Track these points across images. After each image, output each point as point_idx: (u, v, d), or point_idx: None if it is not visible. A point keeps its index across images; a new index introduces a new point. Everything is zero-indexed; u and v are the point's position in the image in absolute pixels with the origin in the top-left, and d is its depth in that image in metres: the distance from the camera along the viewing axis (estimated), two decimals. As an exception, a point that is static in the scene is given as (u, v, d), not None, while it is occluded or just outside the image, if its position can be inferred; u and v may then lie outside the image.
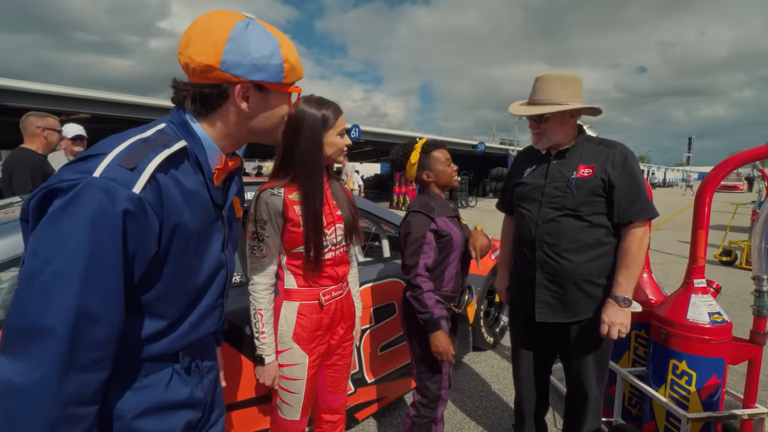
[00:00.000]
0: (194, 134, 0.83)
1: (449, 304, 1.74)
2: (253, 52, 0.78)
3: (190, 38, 0.78)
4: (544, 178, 1.73)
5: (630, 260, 1.61)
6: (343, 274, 1.54)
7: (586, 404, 1.78)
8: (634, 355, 2.26)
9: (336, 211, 1.49)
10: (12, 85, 9.17)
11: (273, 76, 0.82)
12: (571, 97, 1.63)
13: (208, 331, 0.93)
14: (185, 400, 0.87)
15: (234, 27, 0.77)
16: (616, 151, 1.64)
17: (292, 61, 0.84)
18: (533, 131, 1.72)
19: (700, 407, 1.82)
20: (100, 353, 0.68)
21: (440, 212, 1.69)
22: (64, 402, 0.64)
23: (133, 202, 0.68)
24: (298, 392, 1.47)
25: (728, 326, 1.84)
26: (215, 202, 0.88)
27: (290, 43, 0.85)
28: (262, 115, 0.87)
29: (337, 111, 1.42)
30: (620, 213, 1.61)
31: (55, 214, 0.65)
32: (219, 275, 0.92)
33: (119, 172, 0.67)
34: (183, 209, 0.77)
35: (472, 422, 2.49)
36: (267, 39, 0.81)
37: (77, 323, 0.64)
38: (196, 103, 0.82)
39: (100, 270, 0.66)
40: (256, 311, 1.40)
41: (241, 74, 0.79)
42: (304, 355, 1.45)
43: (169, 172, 0.75)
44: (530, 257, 1.75)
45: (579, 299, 1.68)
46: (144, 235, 0.71)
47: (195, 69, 0.78)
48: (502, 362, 3.24)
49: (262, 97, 0.84)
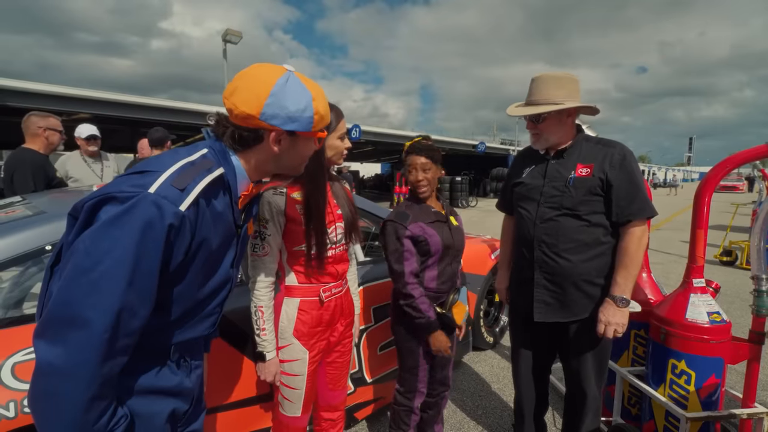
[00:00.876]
0: (231, 163, 0.94)
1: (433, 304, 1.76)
2: (289, 107, 0.91)
3: (236, 88, 0.90)
4: (542, 177, 1.73)
5: (628, 260, 1.61)
6: (342, 271, 1.57)
7: (585, 403, 1.78)
8: (634, 354, 2.26)
9: (336, 210, 1.51)
10: (13, 85, 9.20)
11: (304, 126, 0.95)
12: (567, 97, 1.63)
13: (201, 333, 1.00)
14: (174, 388, 0.95)
15: (276, 83, 0.89)
16: (614, 151, 1.64)
17: (321, 113, 0.97)
18: (531, 132, 1.72)
19: (699, 407, 1.82)
20: (132, 340, 0.78)
21: (416, 218, 1.73)
22: (101, 382, 0.74)
23: (178, 218, 0.78)
24: (298, 388, 1.49)
25: (727, 326, 1.84)
26: (236, 223, 0.99)
27: (323, 95, 0.98)
28: (290, 156, 1.00)
29: (338, 115, 1.45)
30: (618, 212, 1.61)
31: (110, 220, 0.73)
32: (224, 288, 1.02)
33: (171, 191, 0.78)
34: (210, 228, 0.88)
35: (471, 422, 2.49)
36: (303, 93, 0.93)
37: (119, 317, 0.73)
38: (234, 140, 0.94)
39: (143, 273, 0.75)
40: (256, 308, 1.41)
41: (278, 124, 0.91)
42: (305, 350, 1.47)
43: (207, 194, 0.86)
44: (529, 257, 1.76)
45: (577, 299, 1.69)
46: (180, 246, 0.81)
47: (237, 115, 0.90)
48: (501, 362, 3.24)
49: (292, 141, 0.97)
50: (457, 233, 1.81)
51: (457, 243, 1.80)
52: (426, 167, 1.72)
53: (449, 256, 1.78)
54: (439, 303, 1.76)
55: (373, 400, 2.29)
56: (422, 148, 1.72)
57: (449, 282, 1.79)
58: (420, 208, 1.76)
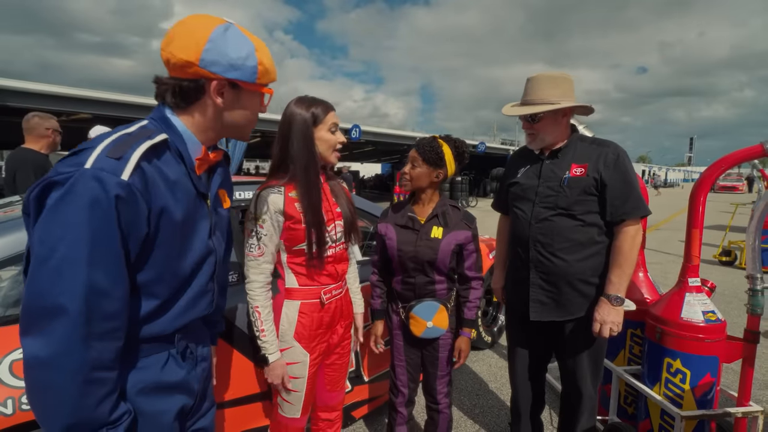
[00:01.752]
0: (174, 127, 0.90)
1: (397, 303, 1.77)
2: (230, 53, 0.87)
3: (173, 36, 0.86)
4: (537, 177, 1.74)
5: (623, 259, 1.61)
6: (342, 271, 1.56)
7: (581, 402, 1.79)
8: (630, 353, 2.27)
9: (335, 208, 1.51)
10: (13, 85, 9.22)
11: (247, 76, 0.90)
12: (563, 96, 1.64)
13: (201, 313, 0.99)
14: (179, 382, 0.94)
15: (215, 29, 0.86)
16: (608, 150, 1.64)
17: (266, 64, 0.93)
18: (527, 131, 1.73)
19: (694, 405, 1.83)
20: (115, 323, 0.77)
21: (390, 218, 1.77)
22: (90, 366, 0.73)
23: (123, 188, 0.75)
24: (299, 390, 1.48)
25: (722, 325, 1.85)
26: (199, 190, 0.94)
27: (266, 48, 0.93)
28: (235, 111, 0.95)
29: (326, 108, 1.42)
30: (613, 211, 1.62)
31: (55, 205, 0.72)
32: (208, 260, 0.99)
33: (108, 162, 0.75)
34: (167, 196, 0.84)
35: (468, 420, 2.50)
36: (244, 42, 0.89)
37: (89, 298, 0.72)
38: (176, 96, 0.89)
39: (103, 250, 0.74)
40: (253, 309, 1.39)
41: (218, 71, 0.87)
42: (305, 353, 1.46)
43: (152, 161, 0.82)
44: (524, 257, 1.76)
45: (573, 298, 1.69)
46: (135, 218, 0.78)
47: (175, 64, 0.86)
48: (500, 361, 3.25)
49: (235, 94, 0.92)
50: (425, 245, 1.65)
51: (420, 254, 1.64)
52: (415, 162, 1.66)
53: (411, 267, 1.68)
54: (402, 307, 1.75)
55: (370, 399, 2.29)
56: (420, 143, 1.67)
57: (412, 292, 1.71)
58: (401, 210, 1.76)
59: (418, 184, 1.68)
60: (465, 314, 1.76)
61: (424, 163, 1.65)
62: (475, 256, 1.74)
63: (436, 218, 1.69)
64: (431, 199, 1.73)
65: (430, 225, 1.69)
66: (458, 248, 1.69)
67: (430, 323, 1.69)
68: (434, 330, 1.70)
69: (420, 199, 1.73)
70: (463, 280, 1.76)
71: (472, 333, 1.78)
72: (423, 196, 1.72)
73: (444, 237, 1.66)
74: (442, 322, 1.70)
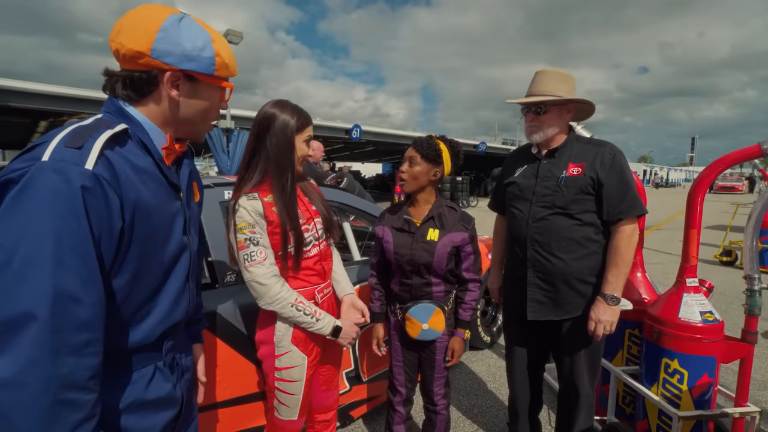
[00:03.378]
0: (132, 118, 0.84)
1: (395, 304, 1.78)
2: (184, 43, 0.81)
3: (122, 26, 0.80)
4: (534, 177, 1.74)
5: (619, 258, 1.62)
6: (329, 269, 1.57)
7: (578, 401, 1.79)
8: (628, 353, 2.27)
9: (311, 207, 1.52)
10: (14, 85, 9.25)
11: (204, 68, 0.85)
12: (569, 93, 1.67)
13: (182, 315, 0.94)
14: (165, 397, 0.89)
15: (167, 19, 0.80)
16: (604, 150, 1.65)
17: (224, 56, 0.87)
18: (530, 123, 1.72)
19: (692, 405, 1.83)
20: (89, 335, 0.68)
21: (387, 220, 1.77)
22: (59, 385, 0.63)
23: (89, 178, 0.68)
24: (296, 393, 1.47)
25: (720, 325, 1.84)
26: (170, 181, 0.88)
27: (223, 40, 0.88)
28: (191, 106, 0.88)
29: (307, 119, 1.43)
30: (609, 210, 1.62)
31: (11, 204, 0.64)
32: (182, 257, 0.92)
33: (67, 153, 0.68)
34: (139, 186, 0.78)
35: (467, 420, 2.51)
36: (200, 32, 0.84)
37: (57, 304, 0.64)
38: (127, 87, 0.83)
39: (70, 249, 0.65)
40: (295, 305, 1.36)
41: (172, 62, 0.81)
42: (303, 356, 1.46)
43: (116, 150, 0.76)
44: (522, 256, 1.77)
45: (570, 297, 1.70)
46: (107, 211, 0.71)
47: (125, 55, 0.79)
48: (498, 361, 3.25)
49: (192, 86, 0.86)
50: (420, 247, 1.65)
51: (416, 256, 1.64)
52: (413, 160, 1.63)
53: (408, 269, 1.69)
54: (399, 308, 1.75)
55: (369, 399, 2.30)
56: (418, 142, 1.65)
57: (408, 294, 1.71)
58: (397, 212, 1.75)
59: (417, 184, 1.66)
60: (460, 315, 1.75)
61: (422, 159, 1.62)
62: (472, 257, 1.72)
63: (432, 220, 1.68)
64: (428, 201, 1.71)
65: (426, 227, 1.67)
66: (455, 250, 1.68)
67: (426, 326, 1.67)
68: (430, 332, 1.69)
69: (416, 201, 1.71)
70: (461, 281, 1.76)
71: (466, 334, 1.78)
72: (420, 197, 1.70)
73: (440, 239, 1.65)
74: (438, 325, 1.69)
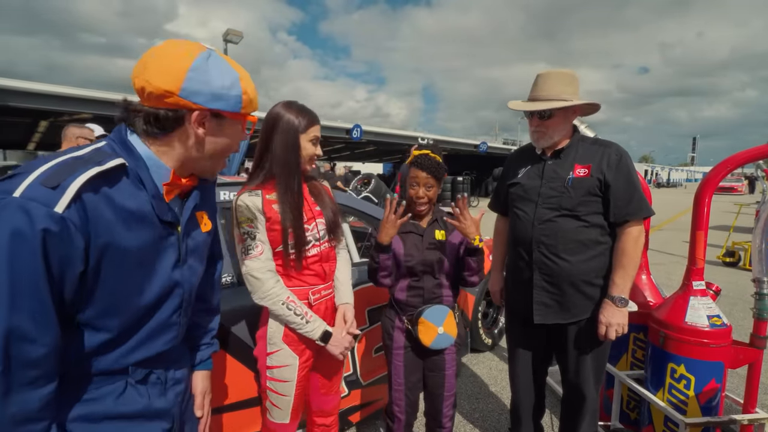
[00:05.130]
0: (134, 152, 0.83)
1: (403, 314, 1.73)
2: (214, 82, 0.81)
3: (148, 63, 0.79)
4: (539, 178, 1.70)
5: (626, 260, 1.59)
6: (330, 270, 1.54)
7: (583, 406, 1.76)
8: (633, 357, 2.23)
9: (315, 207, 1.49)
10: (15, 85, 9.27)
11: (232, 106, 0.85)
12: (574, 95, 1.63)
13: (161, 348, 0.90)
14: (142, 411, 0.86)
15: (197, 57, 0.80)
16: (611, 151, 1.62)
17: (250, 94, 0.88)
18: (536, 129, 1.68)
19: (699, 412, 1.79)
20: (40, 371, 0.68)
21: None
22: (9, 423, 0.65)
23: (55, 222, 0.66)
24: (287, 395, 1.45)
25: (728, 329, 1.80)
26: (161, 218, 0.85)
27: (249, 77, 0.89)
28: (215, 143, 0.89)
29: (313, 119, 1.43)
30: (616, 212, 1.59)
31: None
32: (173, 293, 0.90)
33: (40, 192, 0.66)
34: (116, 227, 0.76)
35: (468, 424, 2.47)
36: (228, 70, 0.84)
37: (9, 344, 0.64)
38: (150, 124, 0.82)
39: (25, 290, 0.65)
40: (286, 303, 1.36)
41: (201, 102, 0.81)
42: (295, 356, 1.44)
43: (100, 189, 0.74)
44: (527, 258, 1.73)
45: (576, 300, 1.66)
46: (68, 253, 0.69)
47: (151, 93, 0.79)
48: (500, 364, 3.21)
49: (218, 123, 0.87)
50: (430, 248, 1.68)
51: (427, 255, 1.67)
52: (429, 184, 1.64)
53: (419, 270, 1.68)
54: (408, 316, 1.71)
55: (368, 404, 2.26)
56: (429, 165, 1.63)
57: (420, 297, 1.69)
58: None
59: (433, 202, 1.71)
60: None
61: (436, 181, 1.66)
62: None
63: (437, 222, 1.72)
64: (431, 209, 1.74)
65: (432, 229, 1.71)
66: (462, 247, 1.68)
67: (441, 329, 1.65)
68: (444, 338, 1.66)
69: (421, 213, 1.71)
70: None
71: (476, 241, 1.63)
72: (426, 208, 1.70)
73: (447, 238, 1.70)
74: (451, 329, 1.67)
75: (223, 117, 0.86)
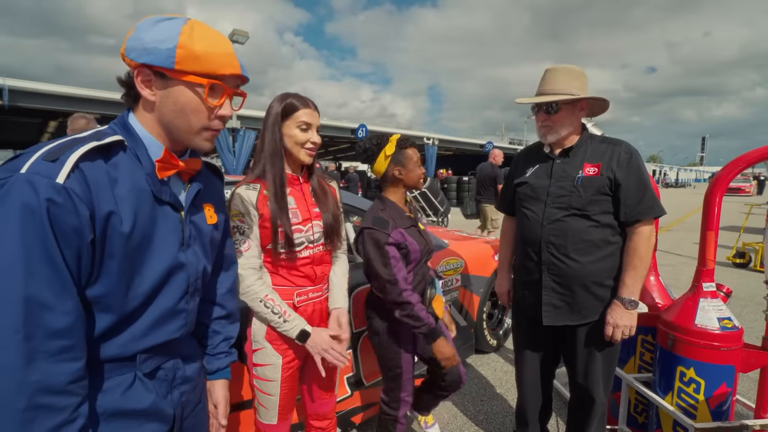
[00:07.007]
0: (132, 130, 0.85)
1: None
2: (146, 37, 0.78)
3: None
4: (548, 177, 1.67)
5: (637, 260, 1.56)
6: (322, 274, 1.50)
7: (591, 409, 1.73)
8: (641, 360, 2.19)
9: (313, 209, 1.46)
10: (24, 86, 9.39)
11: (161, 60, 0.78)
12: (581, 90, 1.60)
13: (169, 336, 0.88)
14: (146, 409, 0.84)
15: (149, 19, 0.80)
16: (621, 149, 1.59)
17: (191, 48, 0.78)
18: (542, 123, 1.66)
19: (709, 417, 1.75)
20: (64, 342, 0.69)
21: (396, 224, 1.65)
22: (33, 390, 0.65)
23: (57, 191, 0.69)
24: (272, 394, 1.43)
25: (739, 332, 1.76)
26: (158, 197, 0.85)
27: (204, 34, 0.80)
28: (166, 107, 0.83)
29: (297, 104, 1.38)
30: (627, 212, 1.56)
31: None
32: (176, 276, 0.88)
33: (42, 166, 0.70)
34: (116, 200, 0.77)
35: (473, 426, 2.44)
36: (168, 27, 0.79)
37: (29, 312, 0.66)
38: (123, 94, 0.86)
39: (38, 259, 0.67)
40: (264, 301, 1.34)
41: (133, 57, 0.79)
42: (278, 355, 1.41)
43: (97, 162, 0.76)
44: (536, 259, 1.70)
45: (586, 301, 1.64)
46: (75, 223, 0.71)
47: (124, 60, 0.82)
48: (505, 365, 3.18)
49: (163, 85, 0.81)
50: (427, 236, 1.80)
51: (431, 246, 1.80)
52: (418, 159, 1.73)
53: (425, 260, 1.77)
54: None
55: (371, 405, 2.24)
56: (413, 143, 1.73)
57: (423, 282, 1.76)
58: (397, 213, 1.70)
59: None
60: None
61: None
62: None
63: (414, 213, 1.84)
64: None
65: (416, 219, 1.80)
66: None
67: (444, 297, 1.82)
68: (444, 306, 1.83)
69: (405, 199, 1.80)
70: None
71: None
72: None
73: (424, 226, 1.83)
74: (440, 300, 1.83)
75: (167, 77, 0.80)
